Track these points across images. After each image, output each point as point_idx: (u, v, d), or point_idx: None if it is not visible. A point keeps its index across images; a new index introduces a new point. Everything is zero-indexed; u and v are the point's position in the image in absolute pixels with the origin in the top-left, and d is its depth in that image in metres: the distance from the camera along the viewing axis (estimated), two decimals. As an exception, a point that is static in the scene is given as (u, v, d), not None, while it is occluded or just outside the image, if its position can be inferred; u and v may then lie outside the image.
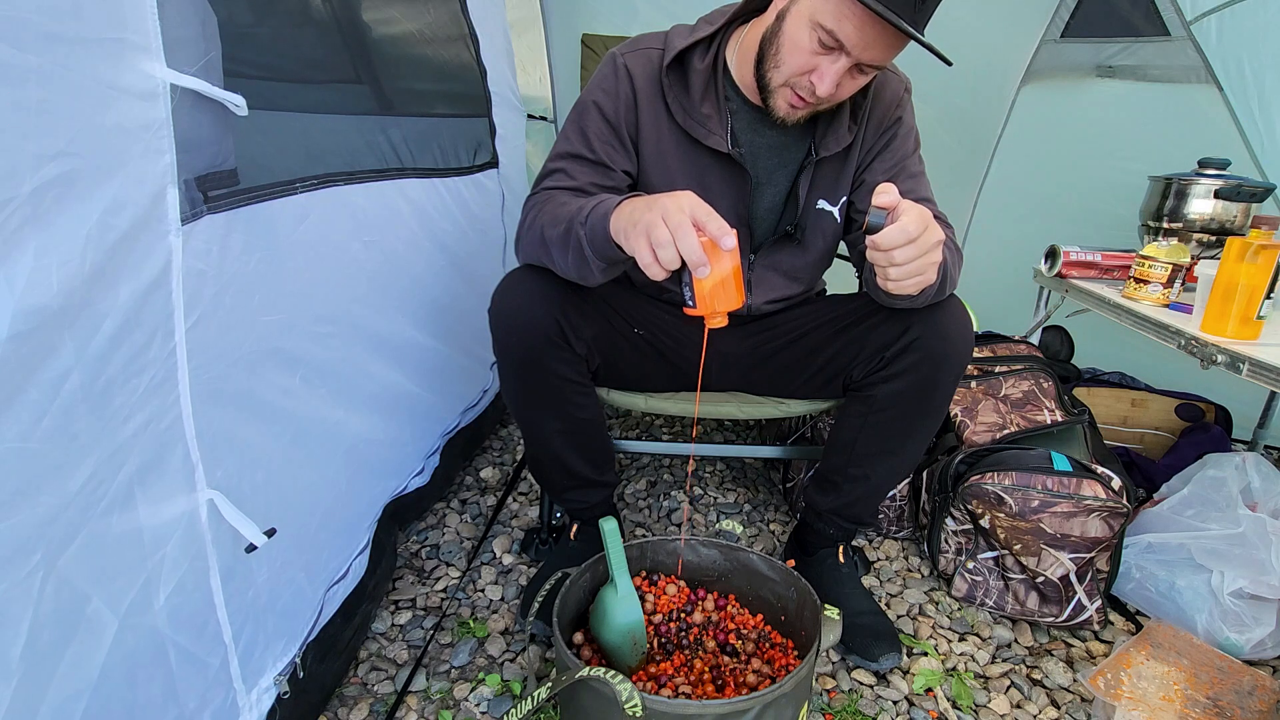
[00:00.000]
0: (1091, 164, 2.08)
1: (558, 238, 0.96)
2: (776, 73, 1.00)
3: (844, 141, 1.11)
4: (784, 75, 0.99)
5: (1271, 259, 1.15)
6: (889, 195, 0.82)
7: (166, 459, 0.69)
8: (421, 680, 1.11)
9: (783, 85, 1.00)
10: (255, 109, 0.75)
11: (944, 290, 1.03)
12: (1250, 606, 1.21)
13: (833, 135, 1.11)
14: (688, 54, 1.09)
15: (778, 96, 1.02)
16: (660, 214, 0.80)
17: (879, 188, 0.82)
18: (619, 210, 0.88)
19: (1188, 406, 1.77)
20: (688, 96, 1.09)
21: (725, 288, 0.82)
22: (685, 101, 1.09)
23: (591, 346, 1.11)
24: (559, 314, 1.04)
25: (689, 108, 1.09)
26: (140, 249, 0.63)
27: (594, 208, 0.91)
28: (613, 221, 0.88)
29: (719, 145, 1.08)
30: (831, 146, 1.11)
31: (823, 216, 1.18)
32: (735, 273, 0.82)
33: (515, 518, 1.54)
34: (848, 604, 1.22)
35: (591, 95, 1.11)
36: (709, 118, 1.09)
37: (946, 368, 1.07)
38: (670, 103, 1.08)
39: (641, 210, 0.83)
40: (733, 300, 0.82)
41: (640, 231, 0.81)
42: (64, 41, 0.54)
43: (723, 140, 1.09)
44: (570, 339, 1.06)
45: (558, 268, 1.00)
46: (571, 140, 1.11)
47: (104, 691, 0.64)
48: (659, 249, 0.79)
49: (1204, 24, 1.83)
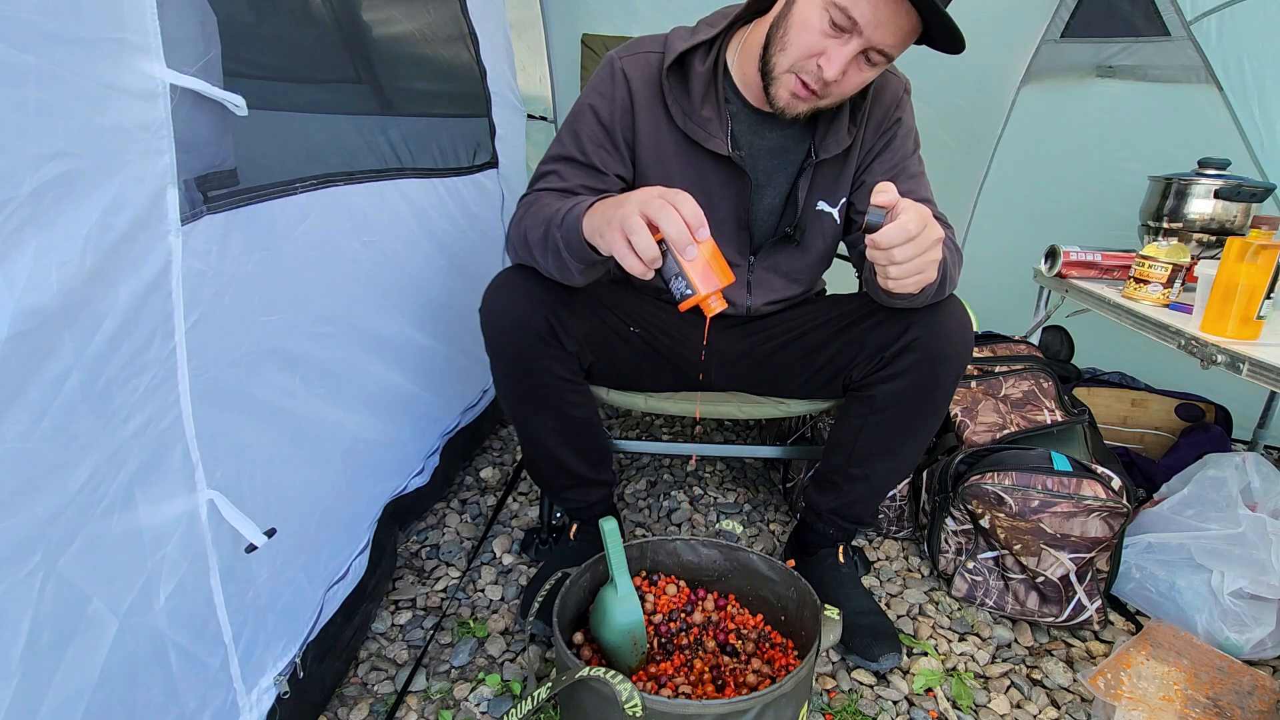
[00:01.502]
0: (1091, 164, 2.08)
1: (539, 240, 0.97)
2: (783, 56, 0.98)
3: (844, 143, 1.11)
4: (791, 58, 0.98)
5: (1271, 259, 1.15)
6: (888, 194, 0.82)
7: (166, 459, 0.69)
8: (421, 680, 1.11)
9: (787, 71, 0.99)
10: (255, 109, 0.75)
11: (944, 290, 1.03)
12: (1250, 606, 1.21)
13: (832, 137, 1.11)
14: (688, 57, 1.08)
15: (780, 84, 1.00)
16: (634, 206, 0.79)
17: (878, 186, 0.82)
18: (591, 211, 0.88)
19: (1188, 406, 1.77)
20: (688, 99, 1.09)
21: (716, 262, 0.81)
22: (685, 104, 1.09)
23: (583, 344, 1.11)
24: (548, 312, 1.04)
25: (689, 111, 1.09)
26: (140, 249, 0.63)
27: (570, 209, 0.91)
28: (586, 222, 0.88)
29: (719, 148, 1.08)
30: (831, 148, 1.11)
31: (822, 218, 1.18)
32: (717, 250, 0.82)
33: (515, 518, 1.54)
34: (848, 604, 1.22)
35: (587, 99, 1.11)
36: (709, 120, 1.09)
37: (947, 367, 1.07)
38: (670, 105, 1.08)
39: (613, 208, 0.83)
40: (726, 275, 0.81)
41: (615, 228, 0.80)
42: (63, 41, 0.54)
43: (723, 143, 1.09)
44: (561, 337, 1.06)
45: (541, 269, 1.01)
46: (565, 143, 1.11)
47: (104, 692, 0.64)
48: (633, 236, 0.78)
49: (1204, 24, 1.83)
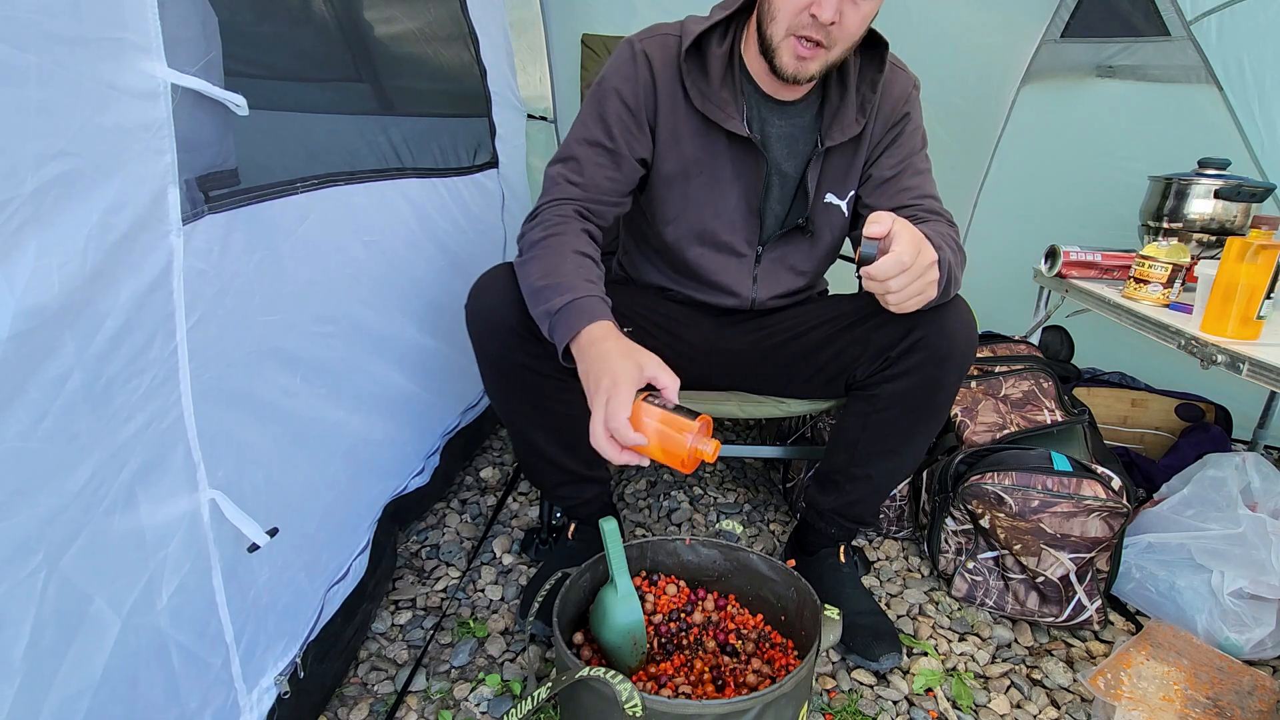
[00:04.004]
0: (1091, 164, 2.08)
1: (534, 291, 0.98)
2: (775, 25, 0.99)
3: (850, 131, 1.11)
4: (784, 23, 0.98)
5: (1271, 259, 1.15)
6: (881, 224, 0.82)
7: (168, 459, 0.69)
8: (421, 680, 1.11)
9: (785, 37, 0.99)
10: (256, 109, 0.75)
11: (948, 292, 1.02)
12: (1250, 606, 1.21)
13: (838, 125, 1.11)
14: (705, 39, 1.09)
15: (782, 52, 1.01)
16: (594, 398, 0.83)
17: (871, 217, 0.83)
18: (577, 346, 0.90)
19: (1188, 406, 1.77)
20: (706, 81, 1.09)
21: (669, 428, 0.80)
22: (704, 86, 1.09)
23: None
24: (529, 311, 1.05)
25: (707, 92, 1.09)
26: (141, 249, 0.63)
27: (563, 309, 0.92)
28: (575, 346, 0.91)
29: (737, 129, 1.09)
30: (836, 136, 1.11)
31: (830, 210, 1.18)
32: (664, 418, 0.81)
33: (515, 518, 1.54)
34: (848, 604, 1.22)
35: (611, 81, 1.11)
36: (727, 102, 1.09)
37: (951, 367, 1.07)
38: (688, 87, 1.09)
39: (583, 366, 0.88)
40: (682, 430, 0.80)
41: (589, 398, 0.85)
42: (64, 41, 0.54)
43: (740, 123, 1.09)
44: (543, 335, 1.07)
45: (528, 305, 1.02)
46: (589, 126, 1.11)
47: (106, 691, 0.64)
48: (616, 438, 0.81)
49: (1204, 24, 1.83)
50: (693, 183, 1.14)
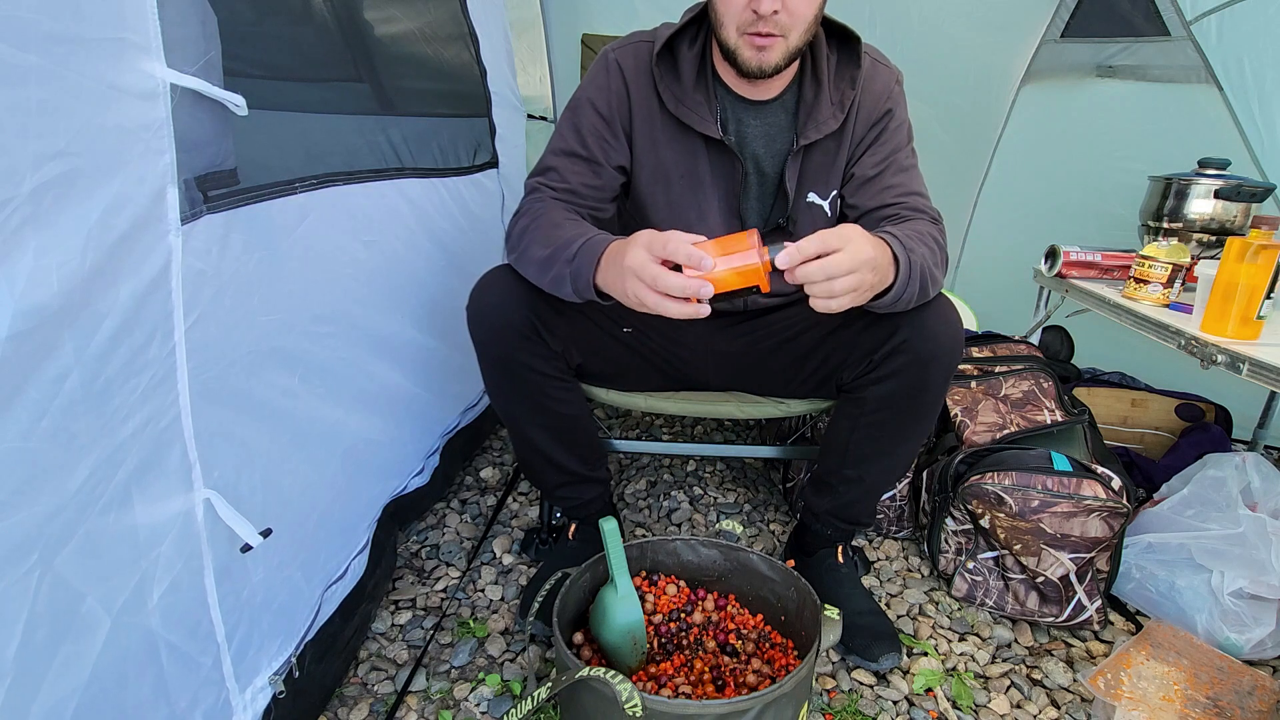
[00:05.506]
0: (1091, 164, 2.08)
1: (541, 261, 0.99)
2: (724, 29, 1.00)
3: (826, 128, 1.10)
4: (731, 26, 0.99)
5: (1271, 259, 1.15)
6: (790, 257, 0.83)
7: (164, 458, 0.69)
8: (421, 680, 1.11)
9: (738, 38, 1.00)
10: (255, 108, 0.75)
11: (928, 292, 1.01)
12: (1250, 606, 1.21)
13: (813, 122, 1.10)
14: (676, 42, 1.10)
15: (740, 51, 1.01)
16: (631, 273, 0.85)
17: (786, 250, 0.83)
18: (601, 269, 0.92)
19: (1188, 406, 1.77)
20: (679, 84, 1.10)
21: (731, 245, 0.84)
22: (677, 89, 1.10)
23: (569, 343, 1.12)
24: (531, 311, 1.05)
25: (680, 95, 1.09)
26: (140, 249, 0.63)
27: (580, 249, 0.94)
28: (599, 276, 0.92)
29: (710, 131, 1.09)
30: (813, 133, 1.10)
31: (814, 210, 1.17)
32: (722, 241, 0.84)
33: (515, 518, 1.54)
34: (848, 604, 1.21)
35: (585, 92, 1.13)
36: (700, 104, 1.10)
37: (935, 368, 1.06)
38: (662, 91, 1.09)
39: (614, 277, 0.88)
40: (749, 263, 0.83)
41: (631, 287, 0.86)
42: (64, 41, 0.54)
43: (714, 126, 1.09)
44: (545, 335, 1.07)
45: (535, 282, 1.03)
46: (566, 137, 1.12)
47: (94, 690, 0.63)
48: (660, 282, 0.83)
49: (1204, 24, 1.83)
50: (674, 186, 1.14)
